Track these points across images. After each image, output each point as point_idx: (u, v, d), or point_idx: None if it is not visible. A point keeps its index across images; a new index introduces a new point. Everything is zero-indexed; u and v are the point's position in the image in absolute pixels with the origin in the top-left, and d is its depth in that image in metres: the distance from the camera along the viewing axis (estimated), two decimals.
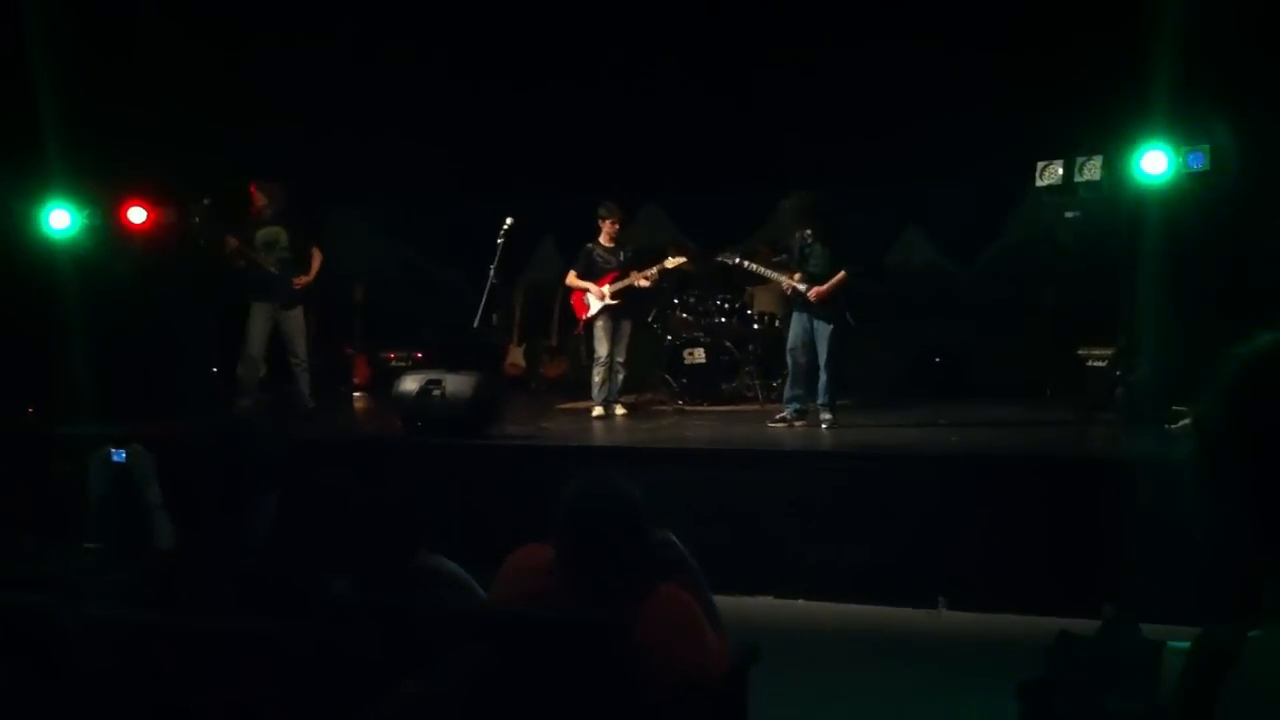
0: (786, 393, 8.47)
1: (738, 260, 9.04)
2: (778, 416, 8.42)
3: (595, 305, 9.12)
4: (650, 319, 10.18)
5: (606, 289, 9.05)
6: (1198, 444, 1.50)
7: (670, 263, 9.09)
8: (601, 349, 9.12)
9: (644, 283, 9.08)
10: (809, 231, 8.32)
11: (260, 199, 9.17)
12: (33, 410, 9.27)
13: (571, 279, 9.24)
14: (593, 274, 9.14)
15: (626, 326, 9.19)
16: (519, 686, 2.73)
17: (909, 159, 9.78)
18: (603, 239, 9.17)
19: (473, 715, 2.71)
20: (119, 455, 4.12)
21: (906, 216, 11.14)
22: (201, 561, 2.80)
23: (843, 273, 8.13)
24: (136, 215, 9.86)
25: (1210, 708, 1.39)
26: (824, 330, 8.18)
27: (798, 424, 8.31)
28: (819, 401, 8.29)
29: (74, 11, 9.12)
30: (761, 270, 8.84)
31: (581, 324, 9.36)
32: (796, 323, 8.33)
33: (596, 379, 9.17)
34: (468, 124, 10.72)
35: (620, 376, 9.21)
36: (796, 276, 8.26)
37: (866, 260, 8.65)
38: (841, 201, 8.99)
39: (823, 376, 8.22)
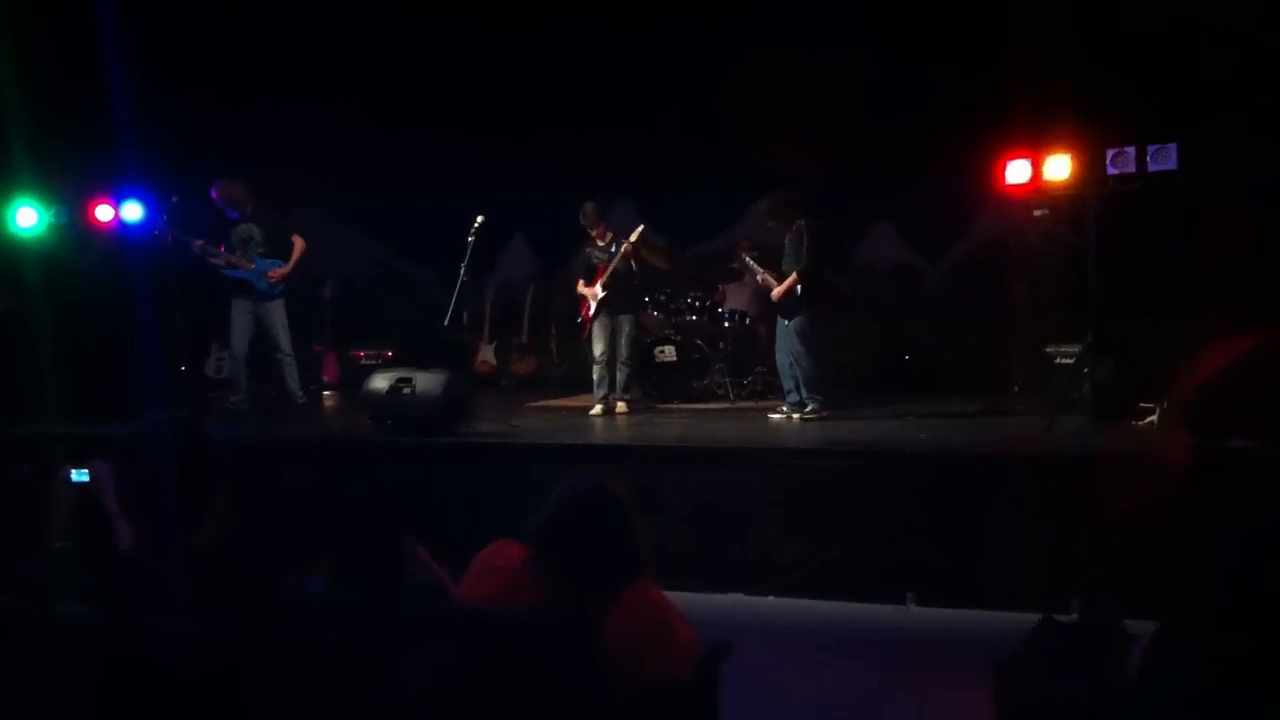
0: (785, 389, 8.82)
1: (748, 259, 9.13)
2: (779, 407, 8.76)
3: (592, 305, 9.27)
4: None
5: (599, 287, 9.20)
6: None
7: (633, 235, 9.09)
8: (598, 347, 9.25)
9: (625, 256, 9.07)
10: (801, 225, 8.50)
11: (223, 199, 9.17)
12: None
13: (580, 287, 9.40)
14: (591, 275, 9.31)
15: (623, 322, 9.25)
16: (486, 685, 2.72)
17: (878, 156, 9.81)
18: (596, 239, 9.30)
19: (439, 714, 2.70)
20: (81, 475, 4.11)
21: (876, 214, 11.18)
22: (157, 562, 2.78)
23: (794, 274, 8.41)
24: (104, 213, 9.78)
25: (1171, 698, 1.41)
26: (785, 327, 8.59)
27: (795, 417, 8.57)
28: (798, 396, 8.60)
29: (35, 9, 9.03)
30: (761, 272, 8.91)
31: (586, 327, 9.40)
32: (777, 323, 8.74)
33: (595, 377, 9.29)
34: (438, 119, 10.68)
35: (624, 375, 9.27)
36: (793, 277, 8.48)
37: (835, 258, 8.74)
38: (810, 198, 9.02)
39: (794, 372, 8.57)
